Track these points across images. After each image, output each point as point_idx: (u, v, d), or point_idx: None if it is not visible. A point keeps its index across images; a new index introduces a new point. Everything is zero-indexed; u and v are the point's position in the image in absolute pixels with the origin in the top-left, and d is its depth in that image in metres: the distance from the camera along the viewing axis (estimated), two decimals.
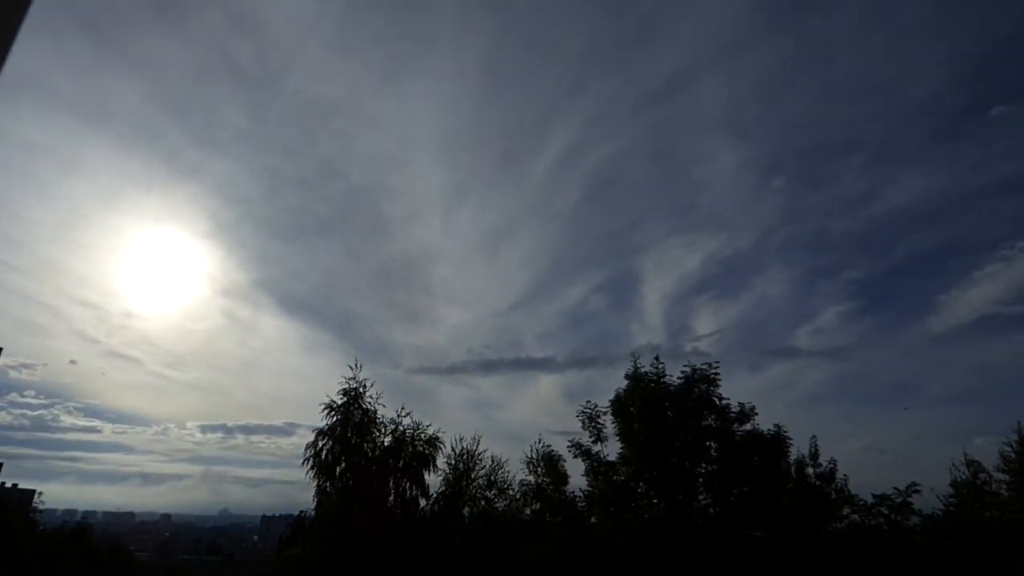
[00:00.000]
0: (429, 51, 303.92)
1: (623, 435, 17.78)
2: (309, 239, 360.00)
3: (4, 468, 61.58)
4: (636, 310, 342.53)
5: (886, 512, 16.24)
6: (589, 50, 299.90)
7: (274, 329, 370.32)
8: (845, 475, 16.99)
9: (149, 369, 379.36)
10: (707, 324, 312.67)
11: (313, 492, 18.00)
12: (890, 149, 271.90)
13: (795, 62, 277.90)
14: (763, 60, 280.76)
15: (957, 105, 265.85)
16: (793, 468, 17.19)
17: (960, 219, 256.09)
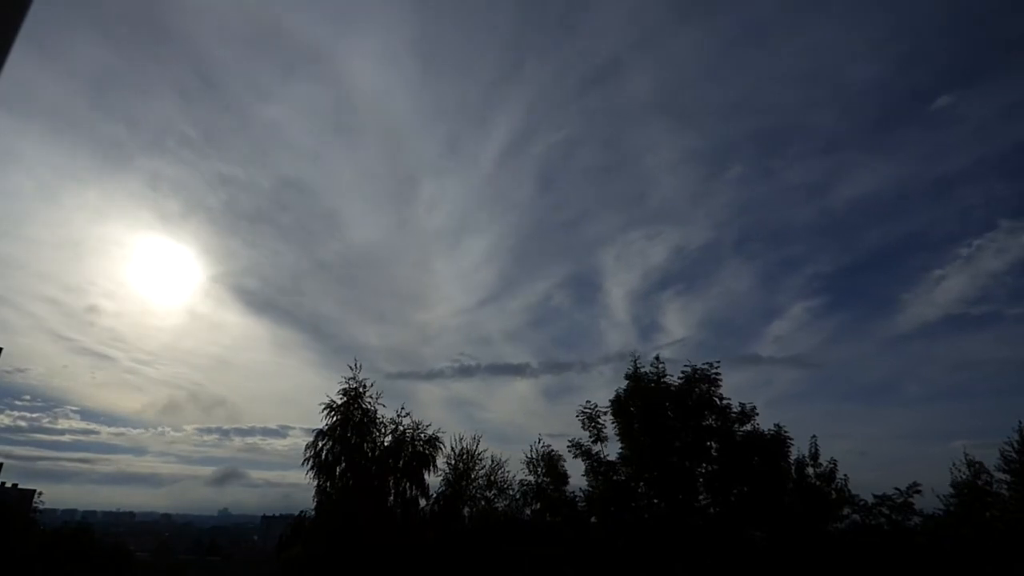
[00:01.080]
0: (354, 33, 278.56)
1: (623, 435, 17.77)
2: (261, 236, 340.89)
3: (6, 469, 61.60)
4: (601, 306, 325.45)
5: (887, 512, 16.23)
6: (519, 31, 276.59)
7: (241, 327, 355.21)
8: (845, 475, 17.01)
9: (125, 366, 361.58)
10: (675, 320, 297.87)
11: (313, 492, 18.02)
12: (837, 138, 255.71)
13: (732, 42, 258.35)
14: (698, 40, 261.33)
15: (901, 93, 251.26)
16: (793, 468, 17.18)
17: (915, 214, 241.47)
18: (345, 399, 18.84)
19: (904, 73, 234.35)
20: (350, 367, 19.30)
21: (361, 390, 19.04)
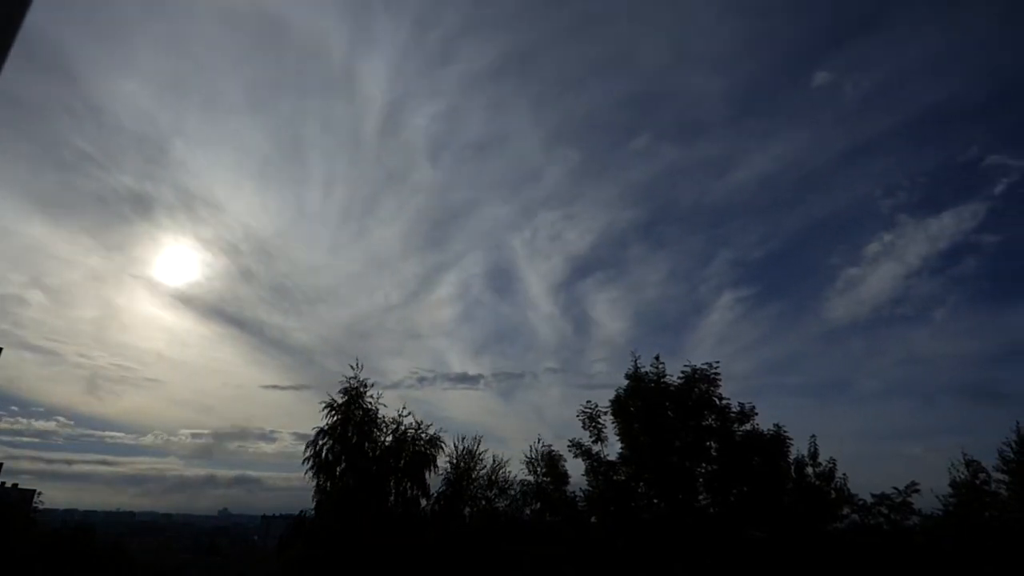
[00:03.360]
0: None
1: (623, 435, 17.83)
2: (166, 227, 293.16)
3: (6, 470, 61.53)
4: (525, 296, 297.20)
5: (886, 512, 16.29)
6: None
7: (169, 323, 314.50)
8: (844, 474, 17.08)
9: (73, 361, 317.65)
10: (605, 312, 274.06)
11: (313, 492, 18.04)
12: (720, 114, 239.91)
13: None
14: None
15: (772, 66, 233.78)
16: (793, 468, 17.24)
17: (817, 203, 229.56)
18: (346, 398, 18.87)
19: (769, 44, 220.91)
20: (351, 367, 19.35)
21: (362, 389, 19.08)
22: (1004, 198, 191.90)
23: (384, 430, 18.95)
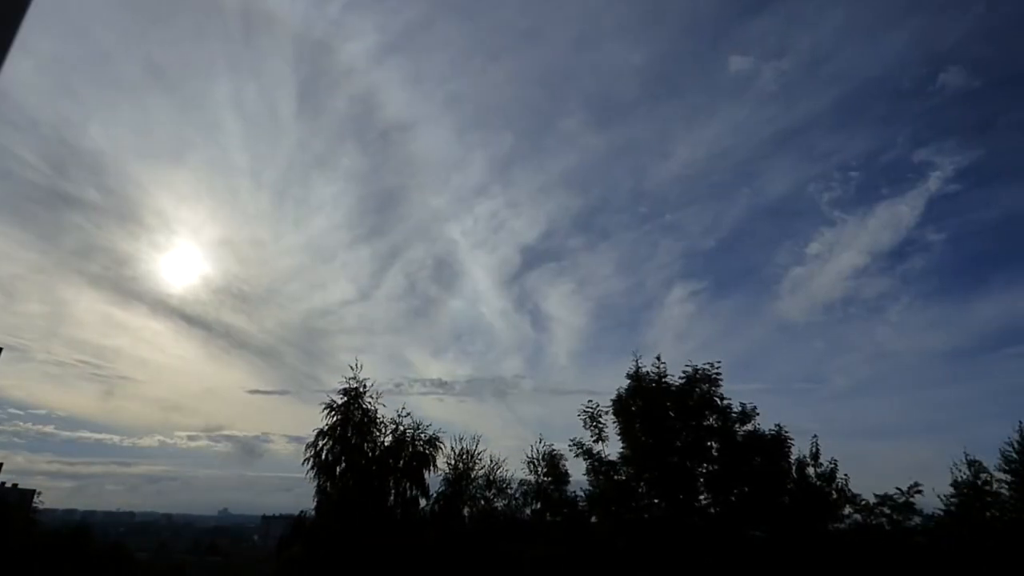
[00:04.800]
0: None
1: (624, 434, 17.78)
2: (102, 219, 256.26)
3: (6, 470, 61.44)
4: (475, 291, 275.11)
5: (888, 512, 16.25)
6: None
7: (120, 318, 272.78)
8: (846, 475, 17.03)
9: (42, 359, 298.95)
10: (558, 305, 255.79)
11: (313, 492, 18.03)
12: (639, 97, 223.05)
13: None
14: None
15: (686, 45, 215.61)
16: (794, 468, 17.19)
17: (756, 194, 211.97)
18: (345, 399, 18.84)
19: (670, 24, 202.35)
20: (351, 367, 19.33)
21: (361, 390, 19.05)
22: (939, 191, 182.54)
23: (383, 431, 18.95)
